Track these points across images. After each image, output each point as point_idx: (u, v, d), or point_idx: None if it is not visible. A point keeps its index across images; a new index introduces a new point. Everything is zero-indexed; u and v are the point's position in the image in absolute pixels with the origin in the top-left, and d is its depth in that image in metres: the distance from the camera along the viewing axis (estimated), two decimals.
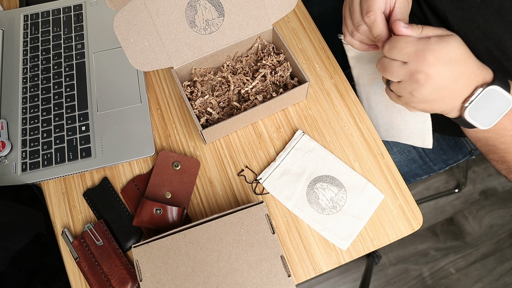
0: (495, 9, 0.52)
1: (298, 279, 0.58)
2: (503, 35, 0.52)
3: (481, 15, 0.53)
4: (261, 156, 0.65)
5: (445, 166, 0.82)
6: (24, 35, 0.75)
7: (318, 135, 0.66)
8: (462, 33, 0.56)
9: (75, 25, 0.76)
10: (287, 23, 0.75)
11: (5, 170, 0.64)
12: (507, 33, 0.52)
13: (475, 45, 0.56)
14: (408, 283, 1.32)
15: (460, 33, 0.56)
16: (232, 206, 0.62)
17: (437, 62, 0.43)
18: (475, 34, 0.55)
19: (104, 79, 0.70)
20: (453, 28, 0.58)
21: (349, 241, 0.59)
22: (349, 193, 0.61)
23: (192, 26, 0.60)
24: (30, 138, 0.66)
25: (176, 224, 0.59)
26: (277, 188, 0.62)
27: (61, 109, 0.68)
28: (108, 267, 0.57)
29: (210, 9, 0.59)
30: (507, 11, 0.51)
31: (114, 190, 0.63)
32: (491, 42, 0.54)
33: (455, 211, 1.42)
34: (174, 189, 0.62)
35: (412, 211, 0.61)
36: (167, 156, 0.63)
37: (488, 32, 0.54)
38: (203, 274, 0.50)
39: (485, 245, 1.36)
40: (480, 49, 0.55)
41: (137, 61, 0.59)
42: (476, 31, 0.55)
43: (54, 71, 0.72)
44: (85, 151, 0.65)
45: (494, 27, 0.53)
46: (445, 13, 0.58)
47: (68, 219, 0.62)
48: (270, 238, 0.52)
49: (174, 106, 0.69)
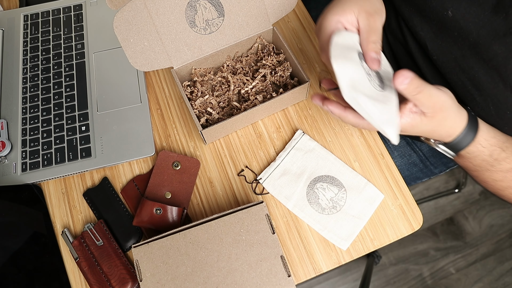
0: (471, 44, 0.51)
1: (298, 279, 0.58)
2: (477, 71, 0.51)
3: (458, 48, 0.53)
4: (261, 156, 0.65)
5: (446, 169, 0.82)
6: (24, 35, 0.75)
7: (318, 135, 0.66)
8: (440, 63, 0.57)
9: (75, 25, 0.76)
10: (287, 23, 0.75)
11: (5, 170, 0.64)
12: (482, 69, 0.51)
13: (452, 76, 0.56)
14: (408, 283, 1.32)
15: (438, 62, 0.57)
16: (232, 206, 0.62)
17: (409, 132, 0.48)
18: (452, 65, 0.55)
19: (104, 79, 0.70)
20: (432, 57, 0.58)
21: (349, 241, 0.59)
22: (349, 193, 0.61)
23: (192, 26, 0.60)
24: (30, 138, 0.66)
25: (176, 224, 0.59)
26: (277, 188, 0.62)
27: (61, 109, 0.68)
28: (108, 267, 0.57)
29: (210, 9, 0.59)
30: (482, 48, 0.50)
31: (114, 190, 0.63)
32: (466, 76, 0.53)
33: (455, 211, 1.42)
34: (174, 189, 0.62)
35: (412, 211, 0.61)
36: (167, 156, 0.63)
37: (464, 66, 0.53)
38: (203, 274, 0.50)
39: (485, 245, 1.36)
40: (456, 81, 0.55)
41: (137, 61, 0.59)
42: (453, 63, 0.54)
43: (54, 71, 0.72)
44: (85, 151, 0.65)
45: (470, 62, 0.52)
46: (425, 40, 0.57)
47: (68, 219, 0.62)
48: (270, 238, 0.52)
49: (174, 106, 0.69)
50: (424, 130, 0.47)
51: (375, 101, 0.42)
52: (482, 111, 0.53)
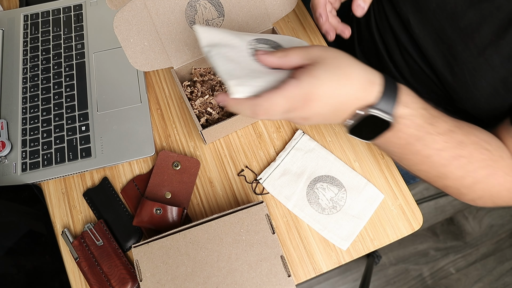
0: (449, 14, 0.53)
1: (298, 279, 0.58)
2: (454, 40, 0.53)
3: (437, 19, 0.54)
4: (261, 156, 0.65)
5: None
6: (24, 35, 0.75)
7: (318, 135, 0.66)
8: (421, 36, 0.58)
9: (75, 25, 0.76)
10: (287, 23, 0.75)
11: (5, 170, 0.64)
12: (458, 38, 0.52)
13: (432, 49, 0.57)
14: (408, 283, 1.32)
15: (420, 36, 0.58)
16: (232, 206, 0.62)
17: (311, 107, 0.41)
18: (433, 37, 0.56)
19: (104, 79, 0.70)
20: (414, 31, 0.59)
21: (349, 241, 0.59)
22: (349, 193, 0.61)
23: (192, 26, 0.60)
24: (30, 138, 0.66)
25: (176, 224, 0.59)
26: (277, 188, 0.62)
27: (61, 109, 0.68)
28: (108, 267, 0.57)
29: (210, 9, 0.59)
30: (458, 16, 0.51)
31: (114, 190, 0.63)
32: (445, 47, 0.55)
33: (455, 211, 1.42)
34: (174, 189, 0.62)
35: (412, 211, 0.61)
36: (167, 156, 0.63)
37: (443, 36, 0.55)
38: (203, 274, 0.50)
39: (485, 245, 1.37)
40: (437, 53, 0.56)
41: (137, 61, 0.59)
42: (434, 35, 0.56)
43: (54, 71, 0.72)
44: (85, 151, 0.65)
45: (448, 32, 0.53)
46: (407, 15, 0.59)
47: (68, 219, 0.62)
48: (270, 238, 0.52)
49: (174, 106, 0.69)
50: (330, 85, 0.40)
51: (235, 63, 0.44)
52: (459, 81, 0.54)
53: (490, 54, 0.49)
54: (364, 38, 0.77)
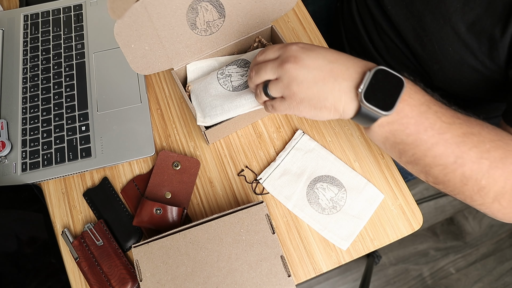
0: None
1: (298, 279, 0.58)
2: (423, 12, 0.56)
3: None
4: (261, 156, 0.65)
5: None
6: (24, 35, 0.75)
7: (318, 135, 0.66)
8: (393, 12, 0.62)
9: (75, 25, 0.76)
10: (287, 23, 0.75)
11: (5, 170, 0.64)
12: (426, 10, 0.55)
13: (405, 23, 0.61)
14: (408, 283, 1.32)
15: (392, 11, 0.62)
16: (232, 206, 0.62)
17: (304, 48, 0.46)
18: (404, 12, 0.60)
19: (104, 79, 0.70)
20: (386, 7, 0.63)
21: (349, 241, 0.59)
22: (349, 193, 0.61)
23: (192, 28, 0.59)
24: (30, 138, 0.66)
25: (176, 224, 0.59)
26: (277, 188, 0.62)
27: (61, 109, 0.68)
28: (108, 267, 0.57)
29: (211, 10, 0.59)
30: None
31: (114, 190, 0.63)
32: (416, 20, 0.58)
33: (455, 211, 1.42)
34: (174, 189, 0.62)
35: (412, 211, 0.61)
36: (167, 156, 0.63)
37: (413, 10, 0.58)
38: (203, 274, 0.50)
39: (485, 245, 1.37)
40: (408, 27, 0.60)
41: (138, 65, 0.59)
42: (405, 10, 0.59)
43: (54, 71, 0.72)
44: (85, 151, 0.65)
45: (417, 5, 0.57)
46: None
47: (68, 219, 0.62)
48: (270, 238, 0.52)
49: (174, 106, 0.69)
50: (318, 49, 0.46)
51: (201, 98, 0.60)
52: (429, 52, 0.57)
53: (456, 22, 0.52)
54: (349, 26, 0.80)
